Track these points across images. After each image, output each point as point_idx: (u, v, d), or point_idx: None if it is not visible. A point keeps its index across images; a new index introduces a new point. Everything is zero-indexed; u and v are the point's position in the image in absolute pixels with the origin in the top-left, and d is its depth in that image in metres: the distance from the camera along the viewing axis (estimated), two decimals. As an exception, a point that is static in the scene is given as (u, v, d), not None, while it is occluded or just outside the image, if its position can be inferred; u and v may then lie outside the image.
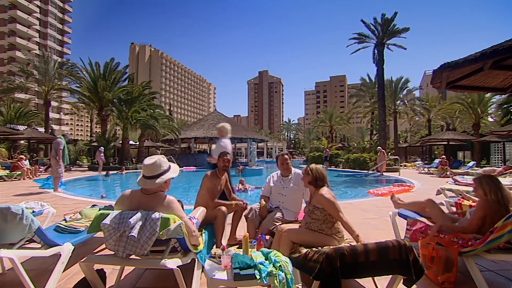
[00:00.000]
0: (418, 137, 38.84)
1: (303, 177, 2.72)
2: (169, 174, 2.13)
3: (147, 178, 2.08)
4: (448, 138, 18.29)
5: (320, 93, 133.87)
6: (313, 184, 2.62)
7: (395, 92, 29.51)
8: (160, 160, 2.14)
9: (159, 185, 2.08)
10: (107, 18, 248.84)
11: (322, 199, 2.47)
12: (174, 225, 1.90)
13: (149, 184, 2.05)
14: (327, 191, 2.51)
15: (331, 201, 2.44)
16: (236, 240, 3.54)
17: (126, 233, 1.83)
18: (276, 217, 3.22)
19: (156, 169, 2.09)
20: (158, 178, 2.06)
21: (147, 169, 2.08)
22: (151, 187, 2.05)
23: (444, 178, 11.87)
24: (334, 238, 2.48)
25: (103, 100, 20.69)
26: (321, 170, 2.62)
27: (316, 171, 2.59)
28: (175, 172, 2.24)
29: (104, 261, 1.91)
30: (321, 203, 2.48)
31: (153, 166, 2.09)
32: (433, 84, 3.70)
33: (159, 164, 2.10)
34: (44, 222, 3.67)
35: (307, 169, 2.65)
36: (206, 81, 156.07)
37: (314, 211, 2.51)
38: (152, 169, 2.08)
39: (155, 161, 2.10)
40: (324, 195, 2.47)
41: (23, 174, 11.22)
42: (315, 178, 2.58)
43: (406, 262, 1.84)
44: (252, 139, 25.04)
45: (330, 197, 2.47)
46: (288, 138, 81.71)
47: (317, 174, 2.58)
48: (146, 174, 2.09)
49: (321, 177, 2.58)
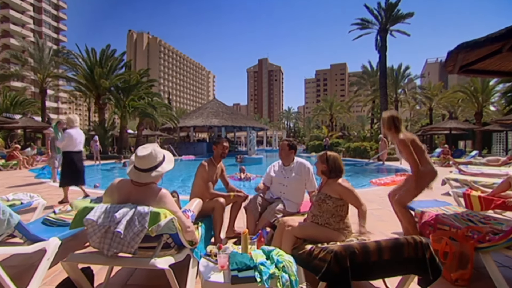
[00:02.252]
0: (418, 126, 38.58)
1: (317, 163, 2.49)
2: (165, 166, 1.93)
3: (141, 171, 1.87)
4: (451, 127, 18.04)
5: (320, 82, 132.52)
6: (326, 174, 2.42)
7: (397, 80, 29.07)
8: (155, 150, 1.93)
9: (156, 178, 1.88)
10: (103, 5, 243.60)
11: (339, 188, 2.29)
12: (165, 221, 1.71)
13: (144, 177, 1.86)
14: (343, 181, 2.33)
15: (350, 189, 2.28)
16: (234, 232, 3.38)
17: (112, 228, 1.65)
18: (278, 208, 3.05)
19: (152, 161, 1.89)
20: (154, 171, 1.86)
21: (142, 161, 1.88)
22: (146, 181, 1.86)
23: (446, 168, 11.70)
24: (342, 233, 2.31)
25: (100, 88, 20.31)
26: (339, 161, 2.41)
27: (333, 161, 2.38)
28: (171, 162, 2.04)
29: (88, 260, 1.73)
30: (338, 192, 2.29)
31: (148, 157, 1.88)
32: (446, 67, 3.46)
33: (154, 155, 1.90)
34: (34, 214, 3.52)
35: (323, 156, 2.44)
36: (205, 69, 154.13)
37: (326, 200, 2.32)
38: (147, 161, 1.88)
39: (150, 152, 1.89)
40: (342, 183, 2.29)
41: (19, 164, 11.04)
42: (331, 169, 2.37)
43: (423, 261, 1.67)
44: (251, 127, 24.78)
45: (348, 185, 2.30)
46: (287, 127, 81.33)
47: (334, 166, 2.37)
48: (140, 166, 1.88)
49: (338, 169, 2.38)
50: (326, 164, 2.40)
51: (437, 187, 6.60)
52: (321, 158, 2.46)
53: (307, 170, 3.22)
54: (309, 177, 3.22)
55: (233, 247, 1.87)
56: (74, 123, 5.38)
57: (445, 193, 5.90)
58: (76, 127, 5.39)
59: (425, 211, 3.11)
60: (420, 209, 3.21)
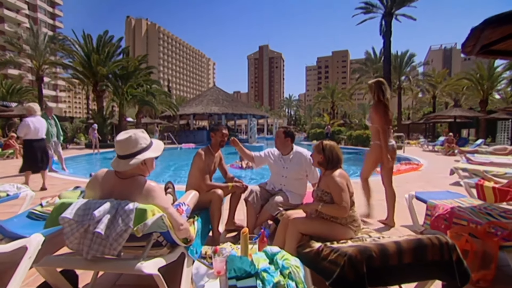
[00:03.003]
0: (420, 115, 38.10)
1: (313, 154, 2.28)
2: (147, 154, 1.68)
3: (121, 158, 1.64)
4: (456, 115, 17.68)
5: (322, 69, 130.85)
6: (323, 165, 2.19)
7: (400, 67, 28.42)
8: (137, 135, 1.68)
9: (134, 166, 1.63)
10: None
11: (331, 182, 2.05)
12: (153, 219, 1.49)
13: (122, 165, 1.62)
14: (339, 173, 2.09)
15: (338, 184, 2.01)
16: (234, 225, 3.19)
17: (91, 228, 1.43)
18: (280, 201, 2.84)
19: (131, 147, 1.64)
20: (134, 158, 1.62)
21: (120, 147, 1.64)
22: (125, 169, 1.62)
23: (451, 157, 11.50)
24: (350, 228, 2.09)
25: (97, 75, 19.91)
26: (336, 150, 2.17)
27: (330, 151, 2.14)
28: (157, 150, 1.79)
29: (65, 264, 1.52)
30: (329, 187, 2.07)
31: (126, 142, 1.64)
32: (465, 47, 3.14)
33: (134, 140, 1.65)
34: (22, 207, 3.32)
35: (319, 146, 2.20)
36: (205, 56, 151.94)
37: (323, 197, 2.11)
38: (125, 146, 1.64)
39: (130, 136, 1.65)
40: (335, 176, 2.04)
41: (15, 153, 10.84)
42: (328, 160, 2.14)
43: (449, 264, 1.46)
44: (252, 115, 24.45)
45: (340, 180, 2.04)
46: (288, 115, 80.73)
47: (331, 156, 2.14)
48: (120, 152, 1.65)
49: (336, 160, 2.14)
50: (322, 155, 2.17)
51: (445, 176, 6.40)
52: (317, 148, 2.23)
53: (308, 161, 2.97)
54: (310, 168, 2.97)
55: (231, 247, 1.66)
56: (35, 111, 5.49)
57: (453, 183, 5.70)
58: (36, 115, 5.48)
59: (438, 204, 2.90)
60: (432, 201, 2.99)
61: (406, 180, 6.11)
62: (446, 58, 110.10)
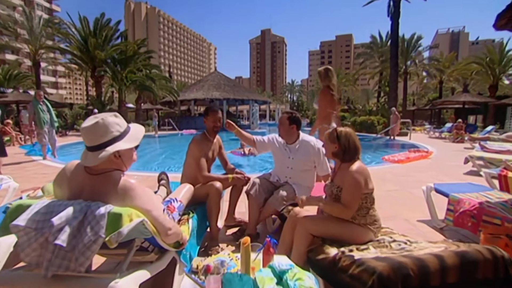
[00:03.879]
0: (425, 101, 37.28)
1: (326, 144, 1.94)
2: (119, 144, 1.33)
3: (89, 150, 1.32)
4: (465, 100, 17.09)
5: (325, 54, 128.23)
6: (338, 156, 1.86)
7: (407, 51, 27.46)
8: (106, 120, 1.32)
9: (102, 160, 1.29)
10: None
11: (346, 178, 1.73)
12: (130, 225, 1.19)
13: (90, 159, 1.29)
14: (357, 168, 1.76)
15: (356, 183, 1.70)
16: (235, 221, 2.90)
17: (50, 238, 1.13)
18: (286, 195, 2.53)
19: (99, 135, 1.30)
20: (103, 150, 1.30)
21: (86, 136, 1.30)
22: (93, 164, 1.30)
23: (459, 144, 11.12)
24: (370, 229, 1.79)
25: (95, 60, 19.45)
26: (353, 138, 1.84)
27: (346, 139, 1.81)
28: (133, 139, 1.42)
29: (17, 282, 1.22)
30: (344, 183, 1.76)
31: (93, 130, 1.29)
32: (499, 21, 2.74)
33: (103, 127, 1.30)
34: (4, 199, 3.05)
35: (333, 133, 1.86)
36: (206, 41, 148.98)
37: (339, 194, 1.79)
38: (92, 135, 1.30)
39: (97, 122, 1.30)
40: (352, 173, 1.72)
41: (12, 140, 10.58)
42: (344, 150, 1.81)
43: (505, 283, 1.15)
44: (254, 100, 23.95)
45: (358, 177, 1.72)
46: (291, 100, 79.71)
47: (347, 144, 1.80)
48: (87, 143, 1.32)
49: (353, 149, 1.81)
50: (337, 143, 1.83)
51: (458, 165, 6.06)
52: (330, 136, 1.89)
53: (316, 151, 2.62)
54: (319, 159, 2.63)
55: (229, 256, 1.36)
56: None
57: (467, 172, 5.37)
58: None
59: (463, 198, 2.58)
60: (455, 194, 2.67)
61: (417, 169, 5.79)
62: (454, 42, 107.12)
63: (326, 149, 1.93)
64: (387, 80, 27.45)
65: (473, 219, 2.34)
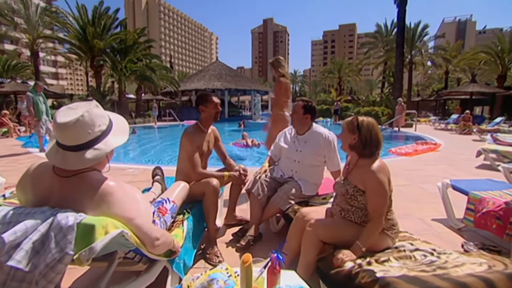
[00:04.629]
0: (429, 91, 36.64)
1: (343, 134, 1.68)
2: (112, 140, 1.13)
3: (67, 149, 1.09)
4: (472, 91, 16.61)
5: (328, 43, 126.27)
6: (357, 150, 1.62)
7: (413, 40, 26.75)
8: (92, 113, 1.10)
9: (96, 162, 1.10)
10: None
11: (371, 180, 1.51)
12: (105, 239, 0.97)
13: (73, 161, 1.06)
14: (379, 167, 1.53)
15: (380, 189, 1.48)
16: (236, 219, 2.70)
17: (2, 258, 0.91)
18: (292, 192, 2.31)
19: (86, 132, 1.08)
20: (91, 149, 1.08)
21: (66, 133, 1.07)
22: (81, 167, 1.08)
23: (467, 135, 10.83)
24: (388, 235, 1.58)
25: (94, 49, 19.05)
26: (376, 130, 1.60)
27: (367, 130, 1.58)
28: (122, 132, 1.22)
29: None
30: (365, 183, 1.53)
31: (78, 125, 1.06)
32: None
33: (90, 121, 1.08)
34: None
35: (353, 123, 1.61)
36: (207, 31, 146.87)
37: (357, 195, 1.57)
38: (75, 133, 1.06)
39: (82, 117, 1.06)
40: (376, 174, 1.49)
41: (10, 132, 10.39)
42: (364, 143, 1.57)
43: None
44: (256, 91, 23.55)
45: (381, 180, 1.49)
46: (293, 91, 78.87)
47: (369, 137, 1.57)
48: (65, 141, 1.08)
49: (375, 143, 1.58)
50: (357, 135, 1.59)
51: (468, 158, 5.82)
52: (349, 126, 1.63)
53: (328, 143, 2.39)
54: (329, 153, 2.40)
55: (227, 272, 1.15)
56: None
57: (479, 166, 5.12)
58: None
59: (485, 197, 2.36)
60: (476, 192, 2.44)
61: (426, 162, 5.55)
62: (460, 31, 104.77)
63: (343, 140, 1.68)
64: (392, 70, 26.89)
65: (499, 221, 2.12)
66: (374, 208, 1.49)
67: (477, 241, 2.28)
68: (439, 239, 2.41)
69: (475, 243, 2.21)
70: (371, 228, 1.48)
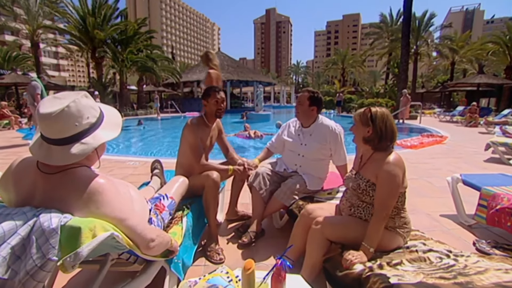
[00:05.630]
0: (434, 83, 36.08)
1: (355, 127, 1.56)
2: (101, 134, 1.04)
3: (52, 142, 0.99)
4: (480, 82, 16.25)
5: (331, 34, 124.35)
6: (371, 143, 1.50)
7: (418, 30, 26.16)
8: (80, 103, 0.99)
9: (83, 157, 1.00)
10: None
11: (384, 174, 1.40)
12: (93, 243, 0.88)
13: (57, 156, 0.97)
14: (395, 160, 1.43)
15: (392, 185, 1.39)
16: (237, 214, 2.62)
17: (-21, 266, 0.83)
18: (296, 187, 2.22)
19: (72, 124, 0.97)
20: (79, 143, 0.98)
21: (51, 124, 0.96)
22: (66, 162, 0.98)
23: (473, 128, 10.64)
24: (399, 233, 1.49)
25: (94, 40, 18.85)
26: (391, 121, 1.49)
27: (382, 121, 1.46)
28: (114, 125, 1.12)
29: None
30: (378, 179, 1.43)
31: (63, 117, 0.95)
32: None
33: (76, 112, 0.98)
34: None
35: (366, 114, 1.50)
36: (209, 21, 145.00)
37: (369, 190, 1.47)
38: (62, 123, 0.96)
39: (68, 106, 0.96)
40: (392, 167, 1.40)
41: (11, 123, 10.34)
42: (379, 135, 1.46)
43: None
44: (258, 82, 23.27)
45: (395, 175, 1.40)
46: (296, 82, 78.18)
47: (384, 128, 1.46)
48: (50, 134, 0.98)
49: (390, 135, 1.47)
50: (371, 127, 1.48)
51: (475, 151, 5.68)
52: (362, 117, 1.52)
53: (334, 136, 2.28)
54: (336, 146, 2.29)
55: (228, 277, 1.06)
56: None
57: (488, 159, 4.98)
58: None
59: (499, 192, 2.24)
60: (489, 188, 2.33)
61: (432, 156, 5.43)
62: (467, 21, 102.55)
63: (356, 134, 1.57)
64: (396, 61, 26.41)
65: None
66: (379, 200, 1.40)
67: (489, 238, 2.18)
68: (449, 236, 2.32)
69: (488, 241, 2.11)
70: (374, 224, 1.38)
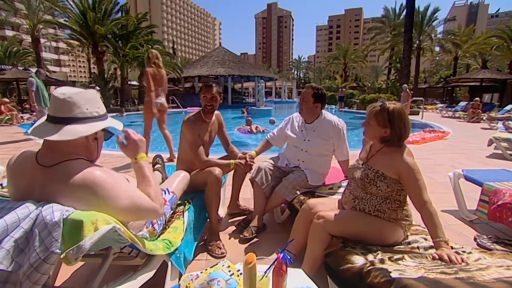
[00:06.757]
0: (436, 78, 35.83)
1: (371, 128, 1.52)
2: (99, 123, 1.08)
3: (54, 121, 1.01)
4: (483, 77, 16.10)
5: (333, 29, 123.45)
6: (388, 142, 1.49)
7: (421, 24, 25.90)
8: (94, 93, 1.09)
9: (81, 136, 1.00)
10: None
11: (402, 165, 1.41)
12: (95, 236, 0.89)
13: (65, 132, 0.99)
14: (410, 153, 1.47)
15: (418, 172, 1.41)
16: (239, 208, 2.62)
17: (-19, 259, 0.83)
18: (297, 182, 2.22)
19: (82, 104, 1.03)
20: (72, 124, 1.00)
21: (58, 102, 1.00)
22: (70, 137, 0.98)
23: (475, 123, 10.59)
24: (400, 226, 1.49)
25: (95, 35, 18.77)
26: (407, 118, 1.48)
27: (400, 121, 1.45)
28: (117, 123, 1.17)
29: None
30: (398, 171, 1.42)
31: (78, 96, 1.03)
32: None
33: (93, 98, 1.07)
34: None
35: (383, 114, 1.45)
36: (210, 16, 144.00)
37: (377, 180, 1.46)
38: (67, 103, 1.00)
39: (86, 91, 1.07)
40: (407, 158, 1.42)
41: (12, 119, 10.36)
42: (399, 135, 1.45)
43: None
44: (260, 77, 23.18)
45: (415, 162, 1.43)
46: (297, 77, 77.87)
47: (403, 128, 1.45)
48: (54, 112, 1.02)
49: (405, 133, 1.47)
50: (389, 128, 1.44)
51: (478, 147, 5.66)
52: (378, 117, 1.46)
53: (337, 131, 2.27)
54: (339, 142, 2.29)
55: (229, 270, 1.07)
56: None
57: (490, 155, 4.96)
58: None
59: (501, 188, 2.24)
60: (491, 183, 2.33)
61: (434, 151, 5.41)
62: (471, 15, 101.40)
63: (370, 134, 1.54)
64: (399, 56, 26.21)
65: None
66: (416, 191, 1.39)
67: (491, 234, 2.18)
68: (450, 232, 2.32)
69: (489, 237, 2.11)
70: (428, 217, 1.36)
